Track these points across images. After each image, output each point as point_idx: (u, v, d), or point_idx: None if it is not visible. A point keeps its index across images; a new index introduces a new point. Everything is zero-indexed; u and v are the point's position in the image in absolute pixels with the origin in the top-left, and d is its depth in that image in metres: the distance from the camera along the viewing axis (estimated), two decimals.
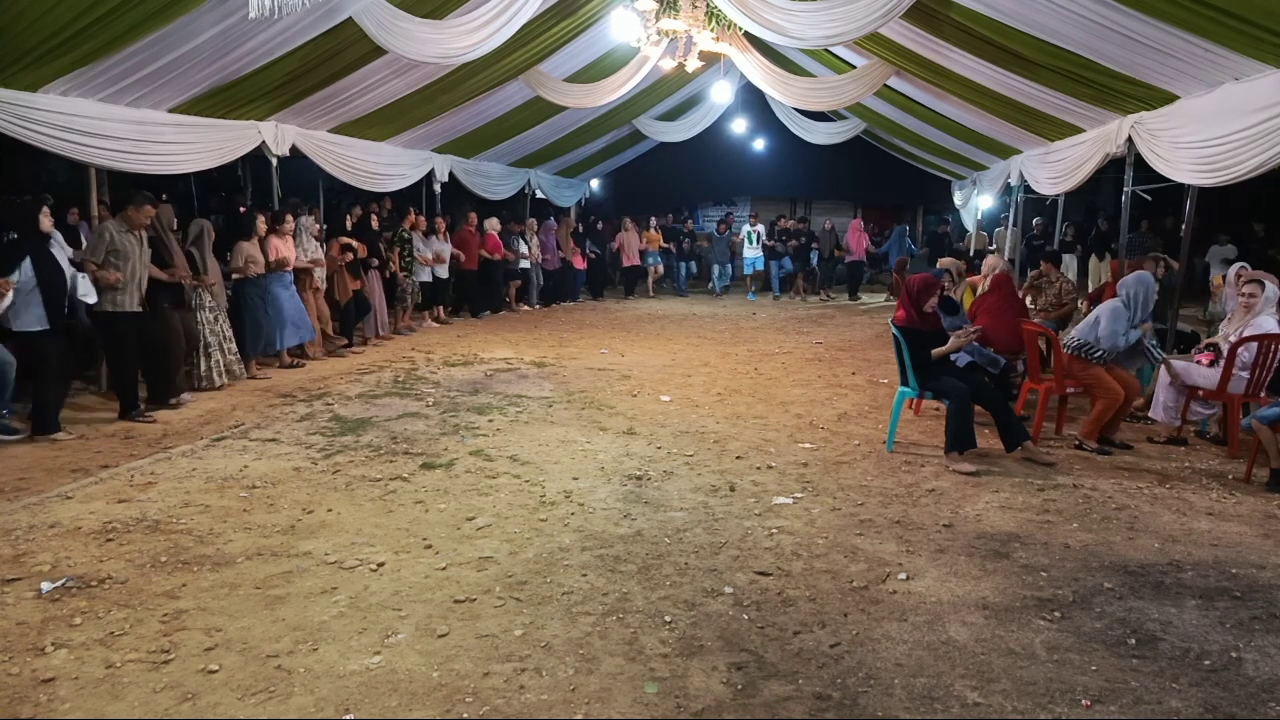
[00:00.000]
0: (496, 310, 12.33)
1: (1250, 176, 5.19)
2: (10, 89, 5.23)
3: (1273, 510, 4.30)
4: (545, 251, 13.51)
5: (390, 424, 5.77)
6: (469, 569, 3.44)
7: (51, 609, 3.05)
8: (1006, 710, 2.50)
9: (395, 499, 4.28)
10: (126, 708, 2.46)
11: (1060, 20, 5.55)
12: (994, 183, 12.22)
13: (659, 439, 5.50)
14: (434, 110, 9.30)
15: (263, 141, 7.73)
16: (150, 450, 5.10)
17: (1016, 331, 6.06)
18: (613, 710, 2.48)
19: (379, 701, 2.50)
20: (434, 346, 9.18)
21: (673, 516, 4.08)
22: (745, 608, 3.14)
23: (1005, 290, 6.45)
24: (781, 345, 9.73)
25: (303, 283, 8.07)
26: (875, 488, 4.58)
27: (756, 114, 14.78)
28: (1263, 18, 4.38)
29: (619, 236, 15.20)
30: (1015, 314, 6.33)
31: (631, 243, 15.14)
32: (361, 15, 5.85)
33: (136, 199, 5.76)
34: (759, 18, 6.72)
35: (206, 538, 3.73)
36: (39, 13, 4.65)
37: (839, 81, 9.78)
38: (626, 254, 15.14)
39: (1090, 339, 5.29)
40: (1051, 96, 7.31)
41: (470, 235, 11.60)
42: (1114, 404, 5.26)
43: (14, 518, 3.92)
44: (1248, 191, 6.57)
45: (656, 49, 8.67)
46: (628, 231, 15.15)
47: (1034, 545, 3.78)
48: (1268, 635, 2.98)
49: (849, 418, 6.19)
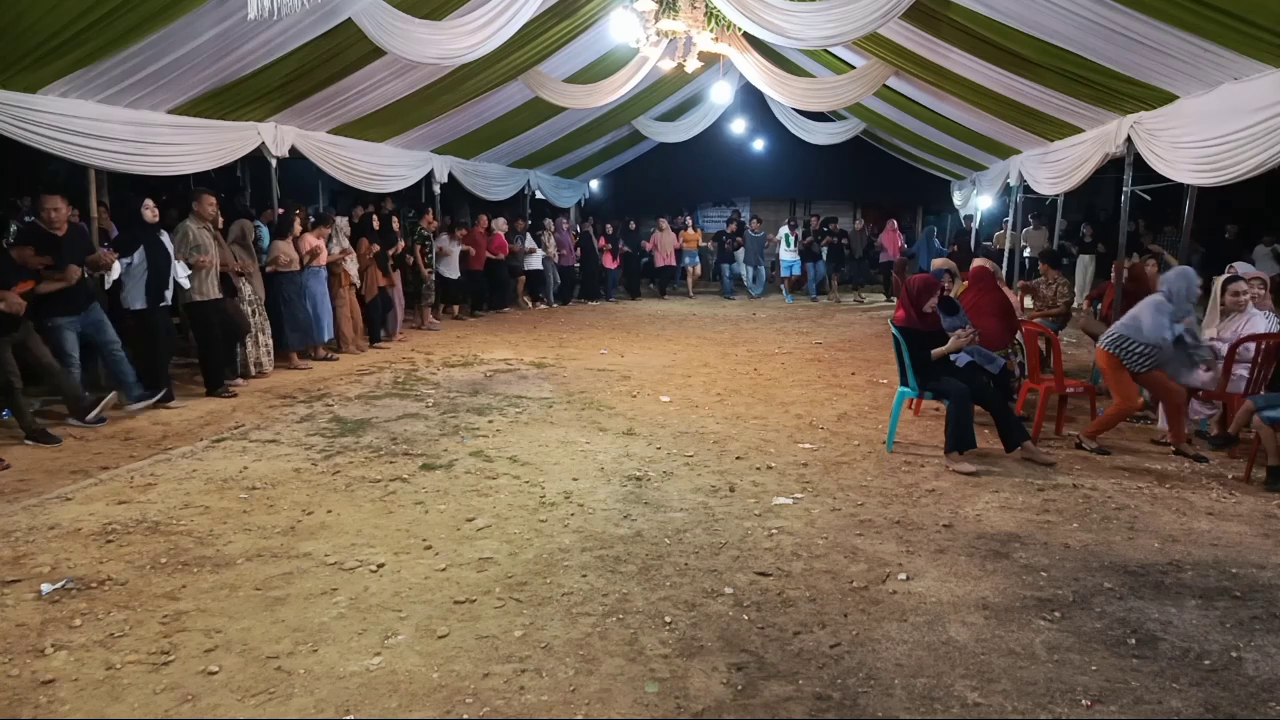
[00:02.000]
0: (501, 307, 12.55)
1: (1249, 176, 5.19)
2: (10, 90, 5.23)
3: (1273, 510, 4.30)
4: (561, 248, 13.64)
5: (390, 425, 5.77)
6: (469, 570, 3.44)
7: (51, 610, 3.05)
8: (1006, 710, 2.50)
9: (395, 500, 4.28)
10: (126, 709, 2.46)
11: (1060, 20, 5.55)
12: (993, 183, 12.23)
13: (659, 439, 5.50)
14: (433, 111, 9.30)
15: (262, 143, 7.74)
16: (150, 451, 5.10)
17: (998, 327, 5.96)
18: (613, 711, 2.48)
19: (379, 702, 2.50)
20: (434, 347, 9.18)
21: (673, 517, 4.07)
22: (745, 608, 3.14)
23: (983, 285, 6.27)
24: (781, 345, 9.73)
25: (337, 279, 8.35)
26: (875, 488, 4.58)
27: (756, 114, 14.78)
28: (1262, 18, 4.38)
29: (654, 236, 15.23)
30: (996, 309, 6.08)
31: (666, 242, 15.16)
32: (361, 16, 5.85)
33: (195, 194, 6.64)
34: (758, 18, 6.72)
35: (206, 539, 3.73)
36: (39, 14, 4.65)
37: (838, 82, 9.78)
38: (661, 254, 15.17)
39: (1131, 334, 5.07)
40: (1051, 96, 7.31)
41: (480, 236, 11.78)
42: (1129, 411, 5.25)
43: (14, 519, 3.92)
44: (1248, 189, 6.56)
45: (656, 50, 8.67)
46: (662, 231, 15.18)
47: (1034, 545, 3.78)
48: (1268, 635, 2.98)
49: (849, 418, 6.19)
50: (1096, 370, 5.67)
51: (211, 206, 6.64)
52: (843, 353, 9.23)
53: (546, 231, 13.43)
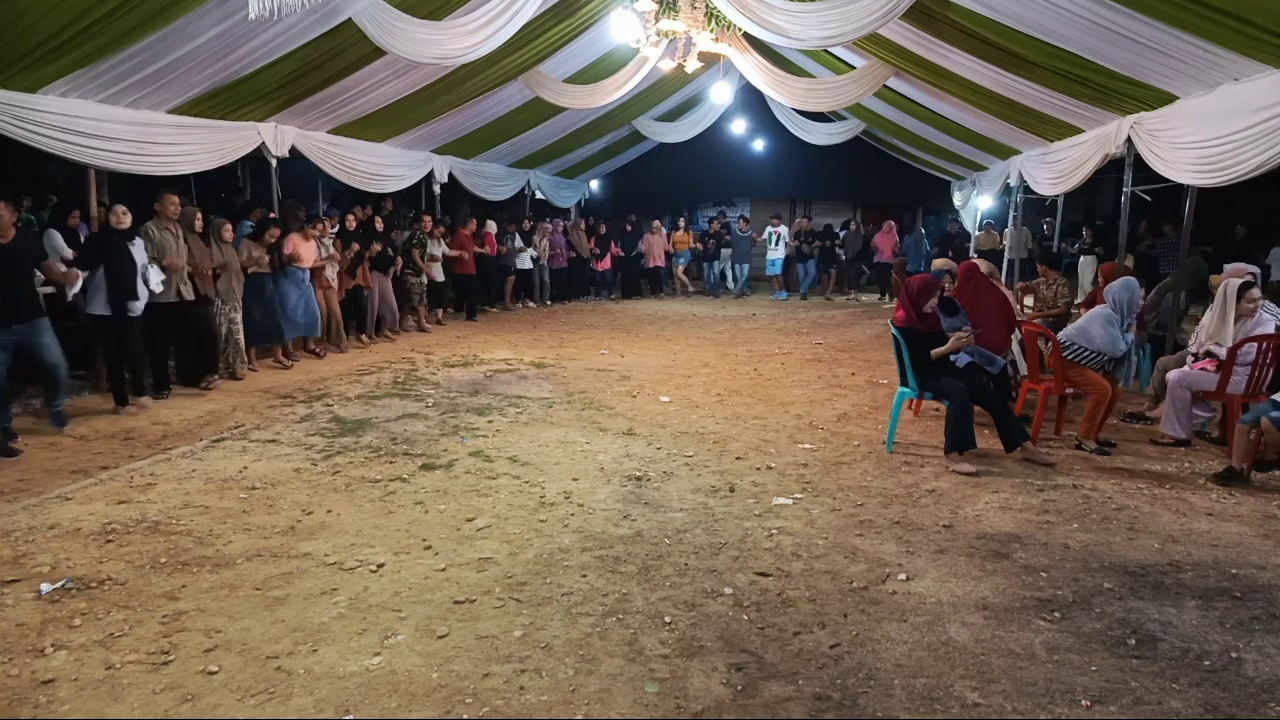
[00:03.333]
0: (489, 308, 12.48)
1: (1249, 177, 5.19)
2: (10, 90, 5.23)
3: (1273, 510, 4.30)
4: (554, 249, 13.62)
5: (390, 425, 5.77)
6: (469, 570, 3.44)
7: (51, 610, 3.05)
8: (1006, 711, 2.50)
9: (395, 500, 4.28)
10: (126, 709, 2.46)
11: (1059, 21, 5.55)
12: (993, 183, 12.23)
13: (659, 440, 5.50)
14: (433, 111, 9.31)
15: (262, 143, 7.74)
16: (150, 451, 5.10)
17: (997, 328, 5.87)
18: (613, 711, 2.48)
19: (379, 702, 2.50)
20: (433, 347, 9.19)
21: (672, 517, 4.07)
22: (745, 608, 3.14)
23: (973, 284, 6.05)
24: (781, 346, 9.73)
25: (316, 280, 8.25)
26: (875, 488, 4.58)
27: (756, 114, 14.78)
28: (1262, 18, 4.38)
29: (646, 238, 15.33)
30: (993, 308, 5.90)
31: (655, 245, 15.31)
32: (361, 16, 5.85)
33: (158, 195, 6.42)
34: (758, 19, 6.72)
35: (206, 539, 3.73)
36: (39, 14, 4.65)
37: (838, 82, 9.79)
38: (651, 256, 15.33)
39: (1082, 343, 5.39)
40: (1051, 97, 7.32)
41: (466, 238, 11.63)
42: (1104, 398, 5.31)
43: (14, 519, 3.92)
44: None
45: (656, 50, 8.68)
46: (654, 234, 15.35)
47: (1034, 546, 3.78)
48: (1268, 635, 2.98)
49: (849, 418, 6.19)
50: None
51: (174, 206, 6.44)
52: (843, 353, 9.23)
53: (540, 233, 13.37)
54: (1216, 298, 5.57)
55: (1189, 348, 5.80)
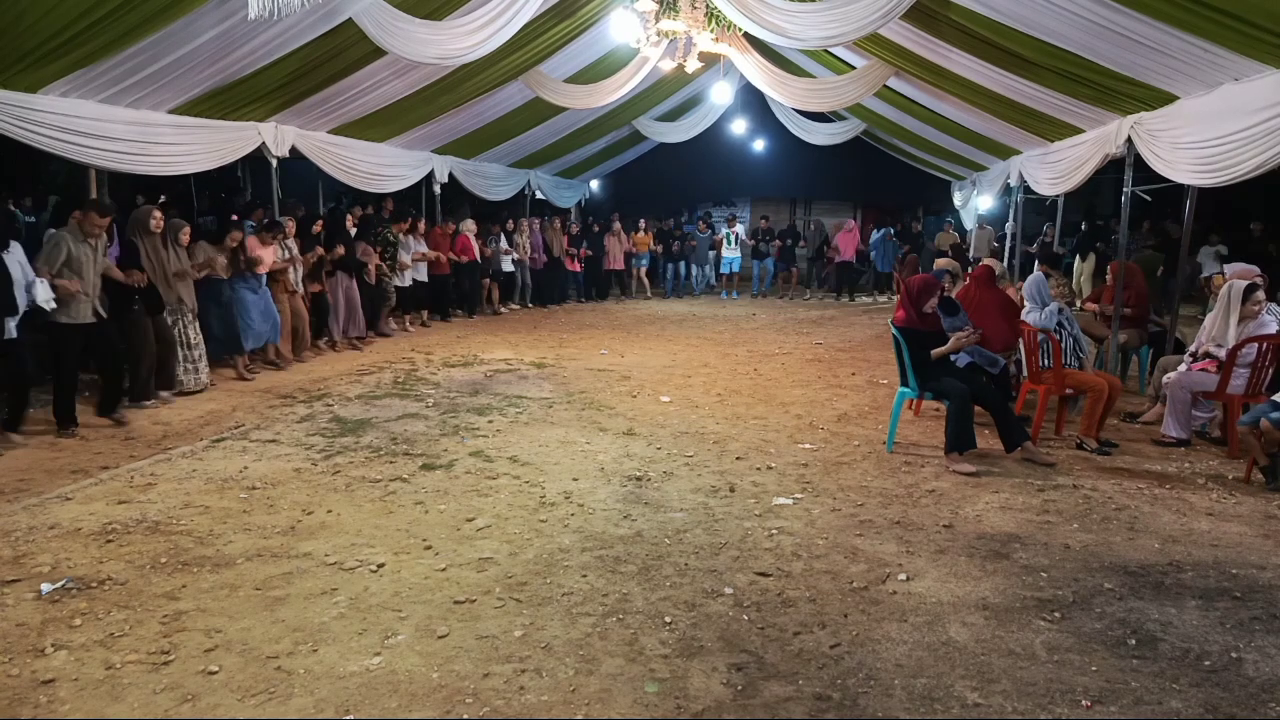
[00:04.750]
0: (471, 313, 11.94)
1: (1249, 177, 5.18)
2: (10, 90, 5.23)
3: (1273, 510, 4.30)
4: (534, 250, 13.26)
5: (390, 425, 5.77)
6: (469, 570, 3.44)
7: (51, 610, 3.05)
8: (1006, 711, 2.50)
9: (395, 500, 4.28)
10: (126, 709, 2.46)
11: (1059, 21, 5.55)
12: (994, 183, 12.22)
13: (659, 440, 5.50)
14: (434, 111, 9.30)
15: (262, 143, 7.74)
16: (150, 451, 5.10)
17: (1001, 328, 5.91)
18: (613, 711, 2.48)
19: (379, 702, 2.50)
20: (433, 347, 9.18)
21: (673, 517, 4.07)
22: (745, 608, 3.14)
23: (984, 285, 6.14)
24: (781, 346, 9.73)
25: (278, 285, 7.74)
26: (875, 488, 4.58)
27: (756, 115, 14.79)
28: (1262, 18, 4.38)
29: (606, 239, 14.92)
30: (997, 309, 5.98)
31: (613, 247, 14.90)
32: (361, 16, 5.85)
33: (87, 206, 5.57)
34: (758, 19, 6.72)
35: (206, 539, 3.73)
36: (39, 14, 4.65)
37: (839, 82, 9.79)
38: (610, 258, 14.90)
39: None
40: (1051, 97, 7.31)
41: (441, 238, 11.11)
42: (1101, 397, 5.32)
43: (14, 519, 3.92)
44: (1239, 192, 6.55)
45: (656, 50, 8.67)
46: (612, 235, 14.92)
47: (1034, 546, 3.78)
48: (1268, 635, 2.98)
49: (849, 418, 6.19)
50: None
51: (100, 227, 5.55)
52: (843, 353, 9.23)
53: (522, 232, 12.93)
54: (1219, 298, 5.57)
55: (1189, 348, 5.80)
